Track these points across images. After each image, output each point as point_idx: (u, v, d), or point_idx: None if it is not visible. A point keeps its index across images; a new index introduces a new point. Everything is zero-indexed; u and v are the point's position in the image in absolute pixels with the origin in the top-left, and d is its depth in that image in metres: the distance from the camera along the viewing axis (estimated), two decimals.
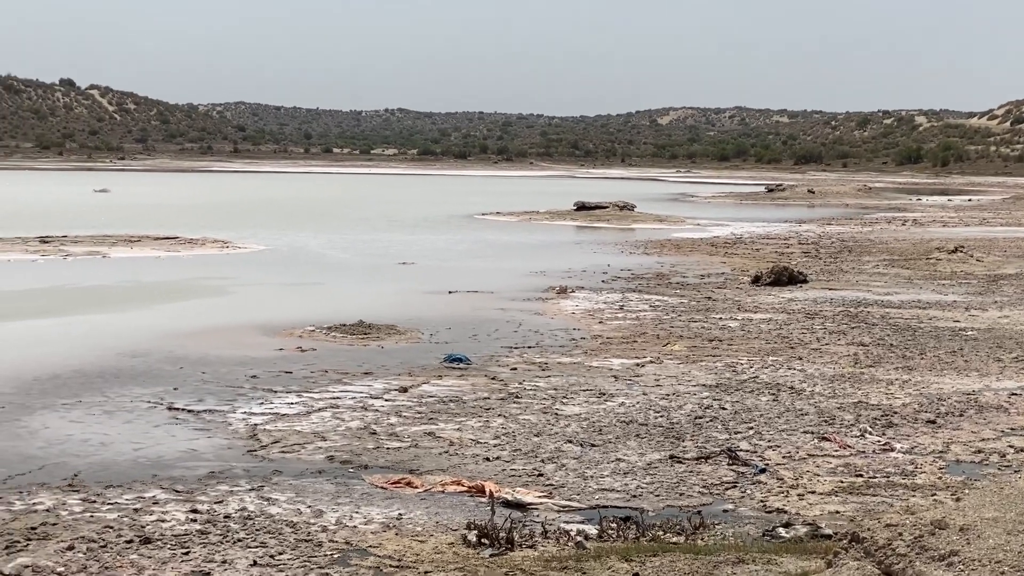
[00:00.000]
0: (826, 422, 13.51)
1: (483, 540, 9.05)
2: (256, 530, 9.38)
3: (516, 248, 38.97)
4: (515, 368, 16.67)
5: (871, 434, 12.98)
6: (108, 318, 21.43)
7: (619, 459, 11.80)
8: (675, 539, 9.21)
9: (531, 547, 9.08)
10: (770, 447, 12.38)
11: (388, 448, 12.16)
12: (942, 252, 34.45)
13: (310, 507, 10.06)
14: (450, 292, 25.69)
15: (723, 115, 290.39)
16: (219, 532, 9.31)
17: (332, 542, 9.17)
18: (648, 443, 12.44)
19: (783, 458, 11.96)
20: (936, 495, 10.38)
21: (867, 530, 7.21)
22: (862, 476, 11.36)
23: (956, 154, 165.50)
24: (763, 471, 11.44)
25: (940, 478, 11.33)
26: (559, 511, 10.16)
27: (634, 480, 11.09)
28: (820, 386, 15.57)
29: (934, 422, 13.61)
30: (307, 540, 9.18)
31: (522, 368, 16.68)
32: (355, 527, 9.57)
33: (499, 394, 14.85)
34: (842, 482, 11.14)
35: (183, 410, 13.73)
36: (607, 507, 10.22)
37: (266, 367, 16.44)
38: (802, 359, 17.61)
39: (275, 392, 14.83)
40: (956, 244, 36.10)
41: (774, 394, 15.03)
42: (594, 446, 12.29)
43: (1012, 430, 13.32)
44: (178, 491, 10.45)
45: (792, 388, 15.42)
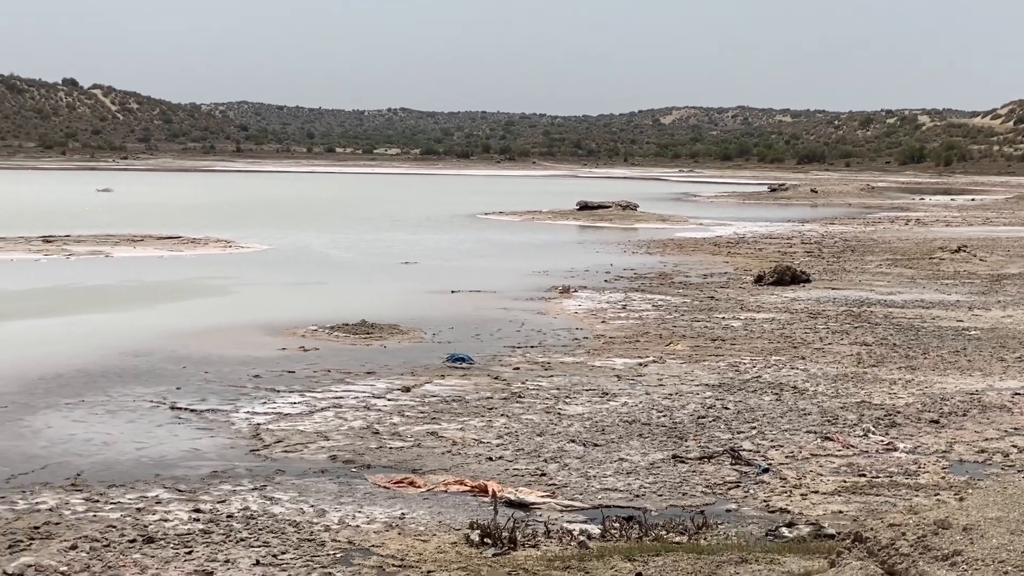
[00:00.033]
0: (829, 422, 13.50)
1: (486, 540, 9.04)
2: (259, 529, 9.39)
3: (519, 248, 38.97)
4: (518, 368, 16.67)
5: (874, 434, 12.97)
6: (111, 317, 21.46)
7: (622, 459, 11.80)
8: (678, 539, 9.21)
9: (534, 547, 9.08)
10: (773, 447, 12.37)
11: (391, 448, 12.17)
12: (945, 252, 34.43)
13: (313, 506, 10.07)
14: (453, 292, 25.69)
15: (726, 114, 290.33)
16: (222, 531, 9.32)
17: (335, 541, 9.17)
18: (651, 443, 12.44)
19: (786, 458, 11.96)
20: (939, 495, 10.36)
21: (870, 530, 7.20)
22: (865, 476, 11.35)
23: (959, 154, 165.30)
24: (766, 471, 11.43)
25: (943, 478, 11.32)
26: (562, 511, 10.16)
27: (637, 480, 11.09)
28: (823, 386, 15.56)
29: (937, 422, 13.60)
30: (310, 540, 9.18)
31: (525, 368, 16.68)
32: (358, 527, 9.57)
33: (502, 394, 14.84)
34: (845, 482, 11.14)
35: (186, 409, 13.73)
36: (610, 507, 10.22)
37: (269, 367, 16.45)
38: (805, 359, 17.60)
39: (278, 392, 14.84)
40: (959, 244, 36.08)
41: (777, 394, 15.02)
42: (597, 446, 12.29)
43: (1015, 430, 13.31)
44: (181, 490, 10.45)
45: (795, 388, 15.41)
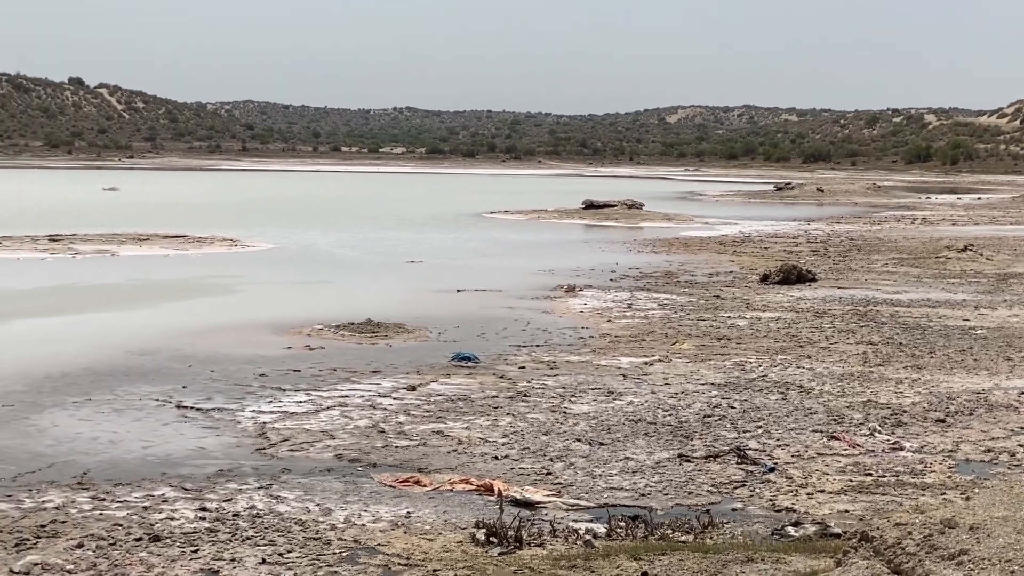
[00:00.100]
0: (835, 421, 13.49)
1: (492, 539, 9.05)
2: (265, 528, 9.40)
3: (524, 246, 38.97)
4: (523, 367, 16.67)
5: (880, 433, 12.96)
6: (117, 316, 21.49)
7: (628, 458, 11.79)
8: (684, 538, 9.20)
9: (540, 546, 9.08)
10: (779, 446, 12.36)
11: (396, 446, 12.17)
12: (951, 251, 34.40)
13: (319, 505, 10.08)
14: (458, 291, 25.70)
15: (731, 113, 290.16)
16: (228, 530, 9.33)
17: (341, 540, 9.18)
18: (657, 442, 12.43)
19: (792, 457, 11.95)
20: (946, 494, 10.34)
21: (876, 529, 7.19)
22: (871, 475, 11.34)
23: (965, 152, 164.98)
24: (772, 470, 11.43)
25: (950, 477, 11.30)
26: (568, 510, 10.16)
27: (643, 479, 11.08)
28: (829, 385, 15.55)
29: (944, 421, 13.58)
30: (316, 538, 9.19)
31: (530, 367, 16.68)
32: (364, 525, 9.58)
33: (507, 393, 14.84)
34: (851, 481, 11.12)
35: (192, 408, 13.75)
36: (616, 506, 10.22)
37: (275, 365, 16.47)
38: (811, 358, 17.58)
39: (284, 390, 14.85)
40: (965, 243, 36.05)
41: (783, 393, 15.00)
42: (603, 445, 12.28)
43: (1022, 429, 13.28)
44: (187, 489, 10.47)
45: (801, 387, 15.39)
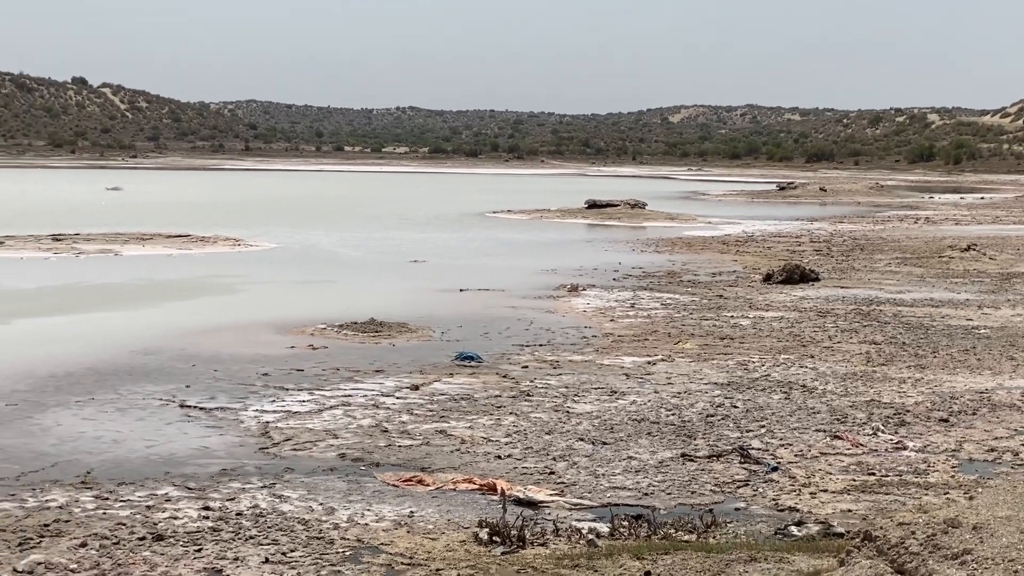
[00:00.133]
0: (838, 420, 13.48)
1: (495, 538, 9.05)
2: (268, 527, 9.40)
3: (527, 246, 38.97)
4: (526, 366, 16.67)
5: (884, 432, 12.95)
6: (120, 316, 21.51)
7: (631, 457, 11.79)
8: (687, 537, 9.20)
9: (543, 545, 9.08)
10: (782, 445, 12.36)
11: (400, 446, 12.18)
12: (955, 250, 34.37)
13: (322, 504, 10.08)
14: (461, 290, 25.70)
15: (734, 113, 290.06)
16: (231, 529, 9.34)
17: (344, 539, 9.18)
18: (660, 441, 12.43)
19: (795, 456, 11.94)
20: (949, 494, 10.35)
21: (879, 528, 7.19)
22: (874, 474, 11.33)
23: (969, 152, 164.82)
24: (775, 469, 11.42)
25: (953, 477, 11.29)
26: (571, 509, 10.16)
27: (646, 478, 11.08)
28: (832, 384, 15.54)
29: (947, 420, 13.57)
30: (319, 537, 9.20)
31: (533, 366, 16.69)
32: (367, 525, 9.58)
33: (510, 392, 14.85)
34: (854, 480, 11.12)
35: (195, 408, 13.76)
36: (619, 505, 10.22)
37: (278, 365, 16.48)
38: (814, 357, 17.58)
39: (287, 390, 14.86)
40: (969, 242, 36.01)
41: (786, 392, 15.00)
42: (606, 444, 12.28)
43: None
44: (190, 488, 10.48)
45: (804, 386, 15.39)
